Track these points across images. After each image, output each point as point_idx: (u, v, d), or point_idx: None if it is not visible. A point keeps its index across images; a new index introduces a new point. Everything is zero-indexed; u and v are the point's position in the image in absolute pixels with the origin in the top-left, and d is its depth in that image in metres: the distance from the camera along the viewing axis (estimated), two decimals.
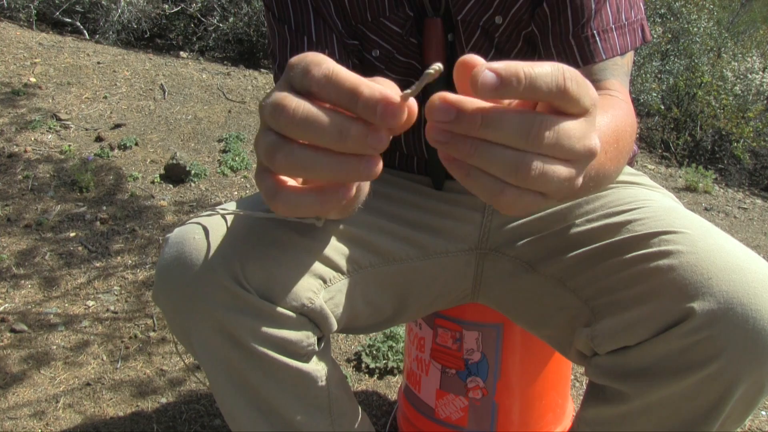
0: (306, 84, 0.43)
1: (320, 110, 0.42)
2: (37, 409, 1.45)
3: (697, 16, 4.61)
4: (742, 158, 3.78)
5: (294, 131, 0.43)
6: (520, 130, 0.41)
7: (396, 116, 0.42)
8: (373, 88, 0.42)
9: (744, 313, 0.63)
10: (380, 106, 0.41)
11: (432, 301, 0.92)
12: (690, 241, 0.69)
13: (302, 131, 0.42)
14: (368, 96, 0.42)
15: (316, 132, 0.42)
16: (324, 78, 0.43)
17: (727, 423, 0.68)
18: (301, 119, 0.42)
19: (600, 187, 0.69)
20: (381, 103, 0.41)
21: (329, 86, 0.43)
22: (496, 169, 0.42)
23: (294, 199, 0.45)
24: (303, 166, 0.43)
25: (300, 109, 0.42)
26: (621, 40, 0.79)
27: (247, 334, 0.70)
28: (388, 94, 0.42)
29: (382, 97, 0.42)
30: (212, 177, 2.62)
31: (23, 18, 4.14)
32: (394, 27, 0.84)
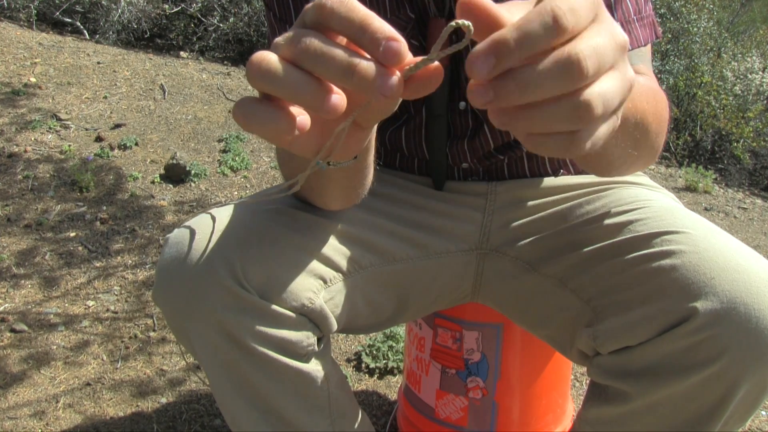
0: (318, 14, 0.43)
1: (332, 43, 0.42)
2: (37, 409, 1.45)
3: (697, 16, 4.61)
4: (742, 158, 3.78)
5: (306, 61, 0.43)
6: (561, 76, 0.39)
7: (398, 54, 0.41)
8: (383, 23, 0.42)
9: (747, 313, 0.62)
10: (386, 41, 0.41)
11: (432, 301, 0.92)
12: (692, 241, 0.69)
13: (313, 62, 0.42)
14: (376, 28, 0.41)
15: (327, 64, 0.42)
16: (338, 3, 0.42)
17: (730, 423, 0.68)
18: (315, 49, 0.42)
19: (641, 142, 0.67)
20: (388, 38, 0.41)
21: (340, 14, 0.42)
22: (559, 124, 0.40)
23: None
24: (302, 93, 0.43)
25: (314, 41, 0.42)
26: (643, 31, 0.80)
27: (247, 334, 0.70)
28: (395, 33, 0.42)
29: (391, 33, 0.41)
30: (212, 177, 2.62)
31: (23, 18, 4.14)
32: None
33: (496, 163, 0.92)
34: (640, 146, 0.68)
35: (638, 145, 0.67)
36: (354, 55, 0.42)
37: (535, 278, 0.84)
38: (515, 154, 0.92)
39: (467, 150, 0.90)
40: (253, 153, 2.81)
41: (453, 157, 0.92)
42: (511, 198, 0.91)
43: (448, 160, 0.92)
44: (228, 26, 4.21)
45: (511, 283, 0.87)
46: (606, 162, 0.69)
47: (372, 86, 0.42)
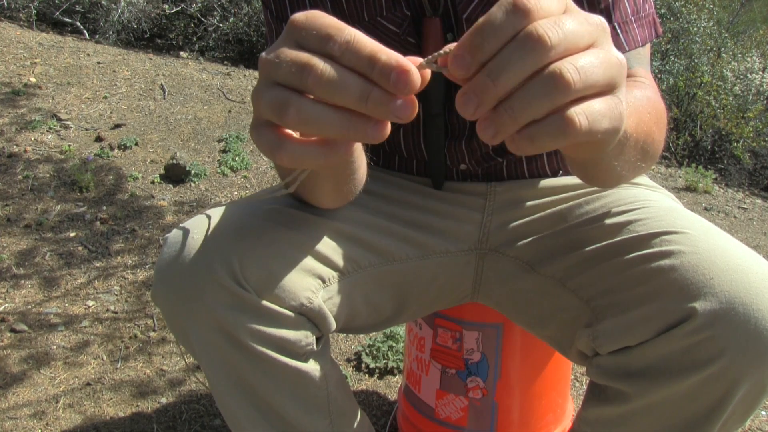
0: (327, 48, 0.45)
1: (345, 72, 0.44)
2: (37, 409, 1.45)
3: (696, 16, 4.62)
4: (742, 158, 3.78)
5: (319, 90, 0.44)
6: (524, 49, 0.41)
7: (408, 84, 0.43)
8: (390, 55, 0.44)
9: (746, 314, 0.62)
10: (394, 73, 0.43)
11: (432, 301, 0.92)
12: (691, 241, 0.69)
13: (327, 91, 0.44)
14: (385, 62, 0.43)
15: (342, 93, 0.44)
16: (346, 43, 0.44)
17: (729, 423, 0.68)
18: (329, 80, 0.44)
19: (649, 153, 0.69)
20: (395, 70, 0.43)
21: (350, 51, 0.44)
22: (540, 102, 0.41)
23: (298, 149, 0.47)
24: (315, 121, 0.45)
25: (328, 70, 0.44)
26: (641, 31, 0.80)
27: (246, 334, 0.70)
28: (404, 62, 0.44)
29: (398, 64, 0.43)
30: (212, 177, 2.62)
31: (23, 18, 4.14)
32: (391, 26, 0.84)
33: (495, 166, 0.92)
34: (647, 158, 0.70)
35: (645, 157, 0.69)
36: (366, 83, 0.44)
37: (535, 278, 0.84)
38: (514, 156, 0.92)
39: (465, 151, 0.90)
40: (253, 153, 2.81)
41: (451, 158, 0.92)
42: (511, 198, 0.91)
43: (447, 162, 0.92)
44: (228, 26, 4.22)
45: (511, 283, 0.87)
46: (616, 175, 0.70)
47: (387, 111, 0.44)
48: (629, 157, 0.65)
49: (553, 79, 0.41)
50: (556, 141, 0.42)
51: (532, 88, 0.41)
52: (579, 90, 0.42)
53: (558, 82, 0.41)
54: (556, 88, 0.41)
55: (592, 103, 0.43)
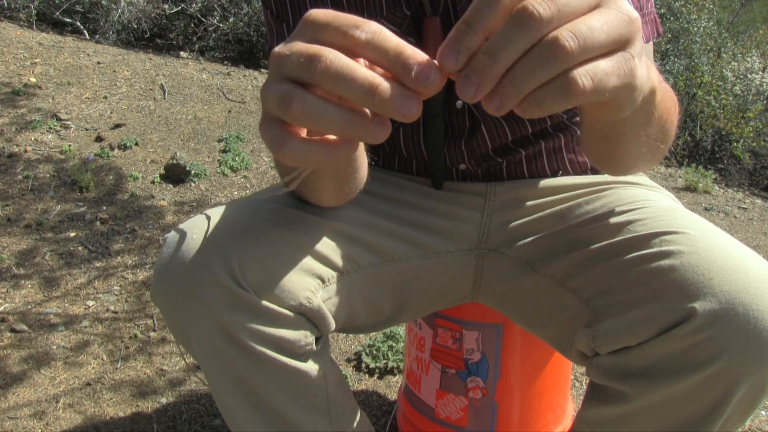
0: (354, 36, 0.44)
1: (354, 64, 0.44)
2: (37, 409, 1.45)
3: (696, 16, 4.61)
4: (742, 158, 3.78)
5: (326, 81, 0.44)
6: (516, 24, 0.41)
7: (430, 78, 0.43)
8: (416, 50, 0.44)
9: (745, 314, 0.62)
10: (418, 66, 0.43)
11: (431, 301, 0.92)
12: (691, 241, 0.68)
13: (335, 82, 0.43)
14: (410, 54, 0.43)
15: (350, 84, 0.43)
16: (373, 33, 0.44)
17: (729, 423, 0.68)
18: (338, 69, 0.43)
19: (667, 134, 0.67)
20: (419, 63, 0.43)
21: (376, 42, 0.44)
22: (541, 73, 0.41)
23: (302, 148, 0.46)
24: (318, 116, 0.44)
25: (337, 60, 0.43)
26: (644, 28, 0.79)
27: (245, 334, 0.70)
28: (428, 57, 0.43)
29: (423, 58, 0.43)
30: (212, 177, 2.62)
31: (23, 18, 4.14)
32: (391, 26, 0.84)
33: (495, 166, 0.92)
34: (666, 139, 0.69)
35: (666, 137, 0.68)
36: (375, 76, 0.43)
37: (535, 278, 0.84)
38: (514, 157, 0.92)
39: (465, 150, 0.90)
40: (253, 153, 2.81)
41: (451, 158, 0.92)
42: (510, 198, 0.91)
43: (446, 161, 0.92)
44: (228, 26, 4.22)
45: (511, 283, 0.87)
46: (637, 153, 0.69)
47: (392, 108, 0.43)
48: (652, 131, 0.64)
49: (551, 48, 0.41)
50: (561, 103, 0.42)
51: (532, 59, 0.41)
52: (578, 56, 0.41)
53: (556, 51, 0.41)
54: (555, 57, 0.41)
55: (597, 63, 0.43)
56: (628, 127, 0.62)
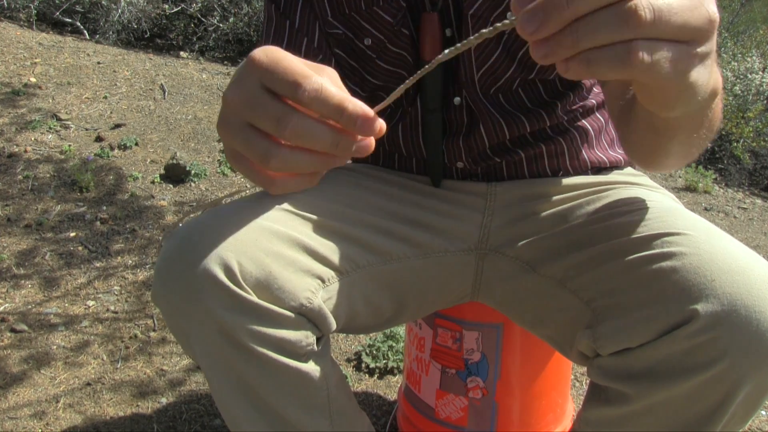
0: (296, 96, 0.51)
1: (317, 124, 0.51)
2: (37, 409, 1.45)
3: None
4: (742, 158, 3.78)
5: (295, 141, 0.51)
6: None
7: (372, 129, 0.52)
8: (355, 104, 0.51)
9: (747, 315, 0.62)
10: (359, 120, 0.51)
11: (431, 300, 0.92)
12: (693, 242, 0.68)
13: (303, 142, 0.51)
14: (351, 110, 0.51)
15: (315, 143, 0.51)
16: (314, 91, 0.50)
17: (730, 424, 0.68)
18: (304, 132, 0.51)
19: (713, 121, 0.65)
20: (360, 117, 0.51)
21: (318, 101, 0.51)
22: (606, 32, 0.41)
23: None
24: (295, 167, 0.53)
25: (302, 124, 0.51)
26: None
27: (246, 335, 0.70)
28: (368, 110, 0.51)
29: (363, 113, 0.51)
30: (212, 177, 2.62)
31: (23, 18, 4.14)
32: (386, 16, 0.85)
33: (494, 165, 0.92)
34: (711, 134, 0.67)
35: (710, 133, 0.67)
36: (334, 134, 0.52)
37: (535, 279, 0.84)
38: (513, 158, 0.92)
39: (462, 147, 0.90)
40: None
41: (449, 155, 0.92)
42: (511, 198, 0.91)
43: (444, 159, 0.92)
44: (228, 26, 4.22)
45: (511, 283, 0.87)
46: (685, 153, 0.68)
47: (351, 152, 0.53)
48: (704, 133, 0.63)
49: (627, 12, 0.41)
50: (613, 70, 0.42)
51: (603, 16, 0.41)
52: (649, 28, 0.41)
53: (630, 17, 0.41)
54: (627, 22, 0.41)
55: (661, 44, 0.43)
56: (683, 126, 0.61)
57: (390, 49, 0.87)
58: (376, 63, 0.89)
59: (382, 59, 0.88)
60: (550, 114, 0.90)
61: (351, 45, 0.89)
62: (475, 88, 0.87)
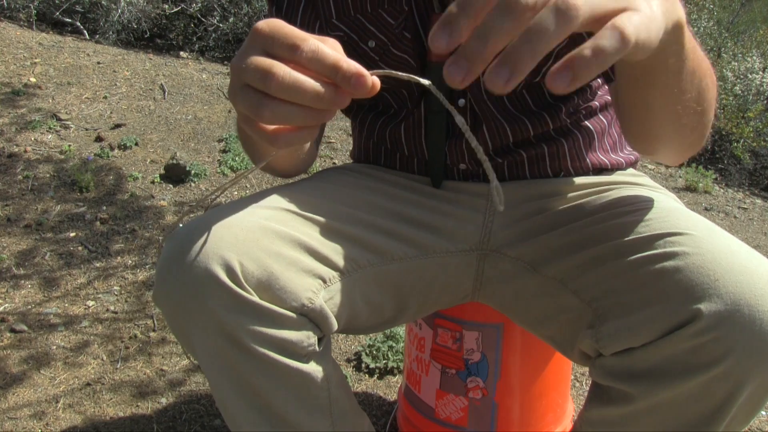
0: (294, 56, 0.54)
1: (302, 77, 0.53)
2: (37, 409, 1.45)
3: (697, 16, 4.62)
4: (742, 158, 3.78)
5: (281, 92, 0.53)
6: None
7: (365, 86, 0.54)
8: (350, 63, 0.54)
9: (751, 315, 0.62)
10: (354, 78, 0.53)
11: (432, 300, 0.92)
12: (695, 242, 0.68)
13: (288, 93, 0.53)
14: (346, 69, 0.54)
15: (299, 94, 0.53)
16: (311, 52, 0.53)
17: (733, 424, 0.67)
18: (289, 84, 0.53)
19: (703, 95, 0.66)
20: (354, 75, 0.53)
21: (315, 60, 0.53)
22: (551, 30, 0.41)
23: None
24: (285, 119, 0.55)
25: (288, 76, 0.53)
26: None
27: (247, 335, 0.70)
28: (362, 69, 0.54)
29: (357, 71, 0.54)
30: (212, 177, 2.62)
31: (23, 18, 4.14)
32: (389, 19, 0.85)
33: (496, 167, 0.92)
34: (703, 103, 0.67)
35: (702, 100, 0.67)
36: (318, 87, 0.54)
37: (536, 279, 0.83)
38: (515, 159, 0.91)
39: (465, 150, 0.90)
40: None
41: (451, 157, 0.92)
42: (512, 199, 0.91)
43: (446, 160, 0.92)
44: (228, 26, 4.22)
45: (512, 283, 0.87)
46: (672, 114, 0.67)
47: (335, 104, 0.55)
48: (686, 85, 0.63)
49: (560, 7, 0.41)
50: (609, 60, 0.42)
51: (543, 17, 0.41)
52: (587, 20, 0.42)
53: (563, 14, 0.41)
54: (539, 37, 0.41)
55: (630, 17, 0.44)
56: (659, 70, 0.60)
57: (393, 52, 0.88)
58: (379, 66, 0.89)
59: (385, 62, 0.89)
60: (553, 116, 0.89)
61: (354, 47, 0.89)
62: (480, 91, 0.87)
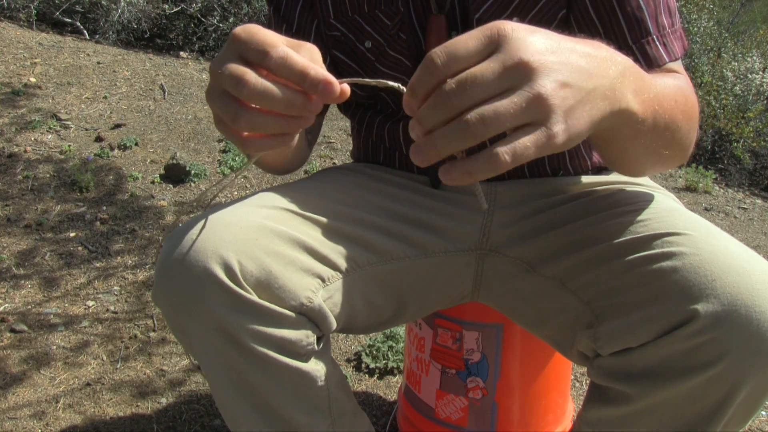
0: (264, 63, 0.55)
1: (273, 84, 0.55)
2: (37, 409, 1.45)
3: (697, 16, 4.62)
4: (742, 158, 3.78)
5: (252, 100, 0.55)
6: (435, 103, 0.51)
7: (332, 93, 0.56)
8: (317, 70, 0.55)
9: (748, 315, 0.62)
10: (321, 84, 0.55)
11: (431, 300, 0.92)
12: (693, 242, 0.68)
13: (259, 100, 0.55)
14: (313, 76, 0.55)
15: (270, 102, 0.55)
16: (280, 59, 0.55)
17: (730, 424, 0.68)
18: (260, 92, 0.55)
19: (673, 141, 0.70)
20: (322, 83, 0.55)
21: (284, 67, 0.55)
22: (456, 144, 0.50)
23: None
24: (261, 127, 0.57)
25: (259, 84, 0.55)
26: (678, 43, 0.81)
27: (246, 334, 0.70)
28: (329, 76, 0.55)
29: (324, 78, 0.55)
30: (212, 177, 2.62)
31: (23, 18, 4.14)
32: (385, 20, 0.86)
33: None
34: (673, 146, 0.71)
35: (671, 144, 0.70)
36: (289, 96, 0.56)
37: (535, 279, 0.84)
38: None
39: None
40: None
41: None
42: (511, 199, 0.91)
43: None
44: (228, 26, 4.22)
45: (511, 283, 0.87)
46: (636, 161, 0.73)
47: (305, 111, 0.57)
48: (648, 143, 0.66)
49: (461, 126, 0.49)
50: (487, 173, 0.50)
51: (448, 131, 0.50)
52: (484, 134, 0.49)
53: (465, 130, 0.49)
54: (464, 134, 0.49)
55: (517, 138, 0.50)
56: (611, 140, 0.66)
57: (389, 53, 0.88)
58: (375, 66, 0.89)
59: (381, 62, 0.89)
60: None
61: (351, 47, 0.90)
62: None
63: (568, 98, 0.51)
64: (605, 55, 0.57)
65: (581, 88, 0.52)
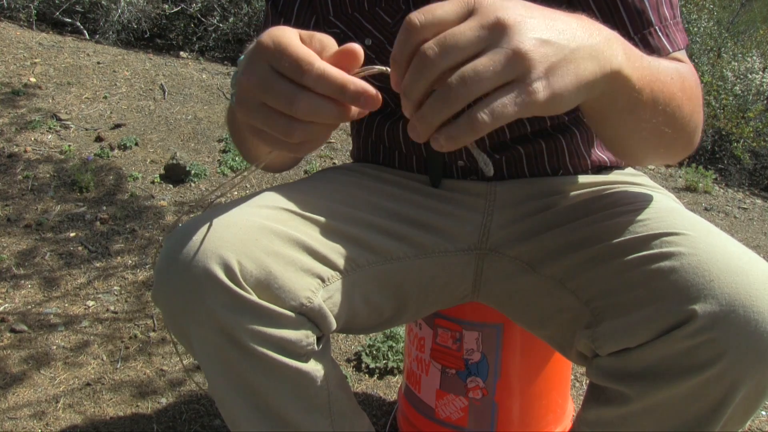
0: (302, 80, 0.56)
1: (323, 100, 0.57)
2: (37, 409, 1.45)
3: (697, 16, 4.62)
4: (742, 158, 3.78)
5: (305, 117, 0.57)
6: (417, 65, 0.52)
7: (375, 104, 0.57)
8: (355, 83, 0.56)
9: (746, 316, 0.62)
10: (362, 97, 0.57)
11: (431, 300, 0.92)
12: (692, 242, 0.68)
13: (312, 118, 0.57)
14: (353, 91, 0.56)
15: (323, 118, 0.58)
16: (318, 77, 0.56)
17: (729, 424, 0.68)
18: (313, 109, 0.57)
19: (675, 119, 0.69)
20: (363, 95, 0.57)
21: (322, 83, 0.56)
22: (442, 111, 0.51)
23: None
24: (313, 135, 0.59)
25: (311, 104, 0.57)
26: (680, 35, 0.81)
27: (246, 335, 0.70)
28: (369, 87, 0.57)
29: (364, 90, 0.56)
30: (212, 177, 2.62)
31: (23, 18, 4.14)
32: (386, 17, 0.86)
33: (495, 163, 0.92)
34: (674, 124, 0.69)
35: (672, 122, 0.69)
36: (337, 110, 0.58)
37: (535, 279, 0.84)
38: (512, 154, 0.92)
39: (462, 147, 0.90)
40: None
41: (449, 154, 0.92)
42: (511, 198, 0.91)
43: (445, 157, 0.92)
44: (228, 26, 4.22)
45: (511, 283, 0.87)
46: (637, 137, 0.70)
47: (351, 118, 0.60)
48: (648, 117, 0.65)
49: (444, 91, 0.50)
50: (471, 136, 0.51)
51: (433, 99, 0.51)
52: (467, 96, 0.49)
53: (447, 94, 0.50)
54: (448, 99, 0.50)
55: (495, 98, 0.50)
56: (610, 110, 0.64)
57: (389, 51, 0.88)
58: (374, 64, 0.90)
59: (381, 60, 0.89)
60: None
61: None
62: None
63: (549, 55, 0.51)
64: (589, 23, 0.57)
65: (563, 46, 0.52)
